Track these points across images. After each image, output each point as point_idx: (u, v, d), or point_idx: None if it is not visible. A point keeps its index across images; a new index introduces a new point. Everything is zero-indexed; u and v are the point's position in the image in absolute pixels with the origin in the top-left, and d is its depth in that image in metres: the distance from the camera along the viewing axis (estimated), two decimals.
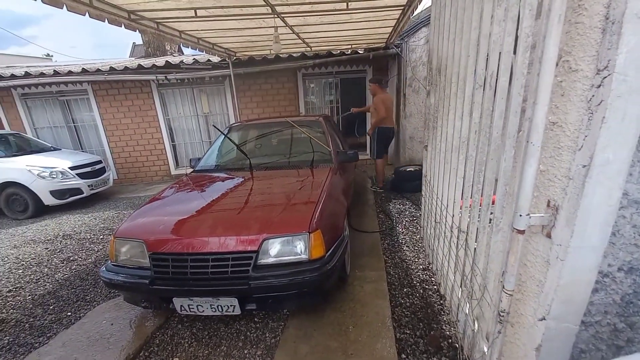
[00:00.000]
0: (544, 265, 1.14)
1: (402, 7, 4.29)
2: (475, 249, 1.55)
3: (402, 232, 3.68)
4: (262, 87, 7.46)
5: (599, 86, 0.86)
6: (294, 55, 6.86)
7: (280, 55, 6.82)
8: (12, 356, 2.15)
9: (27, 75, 6.56)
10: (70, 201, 5.62)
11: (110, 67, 6.55)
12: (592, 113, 0.89)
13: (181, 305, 2.05)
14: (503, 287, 1.22)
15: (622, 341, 1.25)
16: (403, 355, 1.88)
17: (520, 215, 1.10)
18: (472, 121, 1.54)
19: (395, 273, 2.80)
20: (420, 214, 4.17)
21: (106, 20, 3.46)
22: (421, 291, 2.55)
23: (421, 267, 2.89)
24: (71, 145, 7.61)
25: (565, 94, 0.99)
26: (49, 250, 3.90)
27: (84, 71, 6.56)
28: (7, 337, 2.36)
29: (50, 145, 6.54)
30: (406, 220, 4.04)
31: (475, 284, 1.53)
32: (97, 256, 3.65)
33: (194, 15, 3.89)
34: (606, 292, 1.15)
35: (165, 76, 6.73)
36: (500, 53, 1.24)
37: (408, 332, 2.09)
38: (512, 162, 1.22)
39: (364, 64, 7.36)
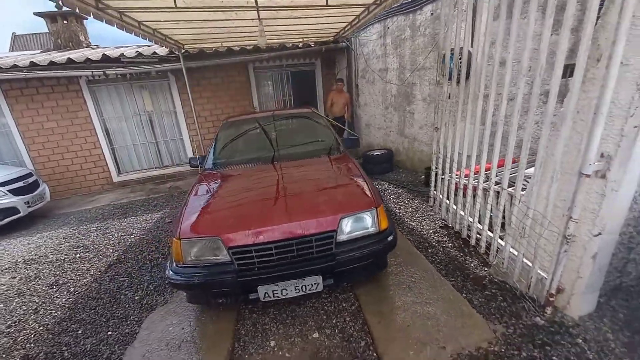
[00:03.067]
0: (599, 197, 1.66)
1: (367, 5, 4.67)
2: (521, 198, 2.06)
3: (397, 208, 4.17)
4: (212, 82, 7.16)
5: None
6: (247, 48, 6.76)
7: (233, 48, 6.66)
8: None
9: None
10: (2, 224, 4.69)
11: (31, 62, 5.51)
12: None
13: (265, 293, 2.14)
14: (570, 217, 1.73)
15: (634, 244, 1.87)
16: (463, 295, 2.33)
17: (590, 165, 1.59)
18: (516, 104, 2.01)
19: (414, 239, 3.26)
20: (400, 191, 4.75)
21: (77, 9, 3.07)
22: (441, 249, 3.05)
23: (431, 231, 3.40)
24: None
25: (621, 82, 1.49)
26: (19, 279, 3.32)
27: None
28: None
29: None
30: (392, 198, 4.55)
31: (528, 226, 2.04)
32: (92, 274, 3.27)
33: (170, 5, 3.65)
34: (631, 209, 1.74)
35: (104, 71, 5.96)
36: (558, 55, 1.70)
37: (453, 279, 2.56)
38: (569, 130, 1.71)
39: (313, 57, 7.64)
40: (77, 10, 3.09)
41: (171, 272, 2.13)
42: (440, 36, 2.88)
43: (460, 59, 3.13)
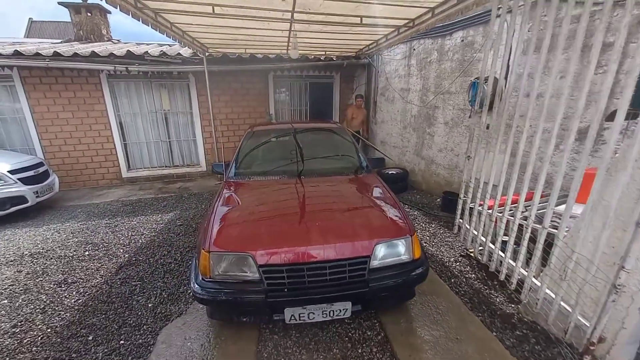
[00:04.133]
0: None
1: (398, 27, 4.69)
2: (563, 239, 2.00)
3: None
4: (232, 86, 7.17)
5: None
6: (270, 56, 6.78)
7: (256, 55, 6.69)
8: None
9: None
10: (9, 212, 4.60)
11: (55, 51, 5.50)
12: None
13: (292, 315, 2.06)
14: (622, 267, 1.67)
15: None
16: (494, 333, 2.25)
17: None
18: (567, 143, 1.97)
19: (436, 267, 3.19)
20: (423, 214, 4.68)
21: (118, 7, 3.06)
22: (464, 280, 2.97)
23: (452, 259, 3.33)
24: None
25: None
26: (25, 274, 3.22)
27: (18, 54, 5.37)
28: None
29: None
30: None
31: (570, 269, 1.98)
32: (102, 275, 3.17)
33: (208, 11, 3.66)
34: None
35: (127, 67, 5.95)
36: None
37: (480, 314, 2.47)
38: (628, 177, 1.67)
39: (333, 70, 7.68)
40: (118, 9, 3.09)
41: (197, 286, 2.05)
42: (483, 64, 2.86)
43: (485, 85, 3.13)
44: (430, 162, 5.40)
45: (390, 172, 5.85)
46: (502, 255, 2.66)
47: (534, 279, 2.32)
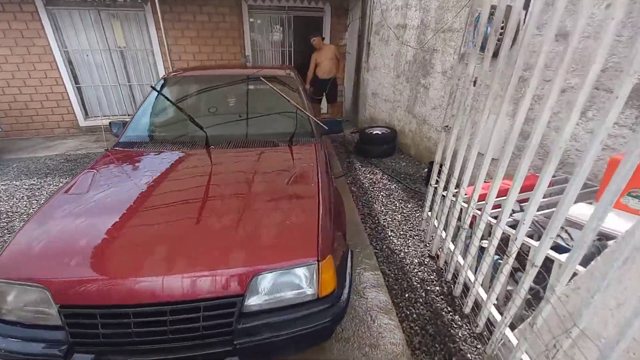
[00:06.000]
0: None
1: None
2: (560, 294, 1.14)
3: (382, 212, 3.27)
4: (197, 19, 5.97)
5: None
6: None
7: None
8: None
9: None
10: None
11: None
12: None
13: None
14: None
15: None
16: None
17: None
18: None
19: (391, 272, 2.42)
20: (394, 194, 3.81)
21: None
22: (424, 295, 2.22)
23: (416, 261, 2.54)
24: None
25: None
26: None
27: None
28: None
29: None
30: (382, 195, 3.63)
31: (562, 348, 1.14)
32: None
33: None
34: None
35: None
36: None
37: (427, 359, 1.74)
38: None
39: (321, 0, 6.28)
40: None
41: None
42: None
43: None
44: (423, 122, 4.35)
45: (375, 132, 4.85)
46: (471, 279, 1.83)
47: (508, 332, 1.51)
